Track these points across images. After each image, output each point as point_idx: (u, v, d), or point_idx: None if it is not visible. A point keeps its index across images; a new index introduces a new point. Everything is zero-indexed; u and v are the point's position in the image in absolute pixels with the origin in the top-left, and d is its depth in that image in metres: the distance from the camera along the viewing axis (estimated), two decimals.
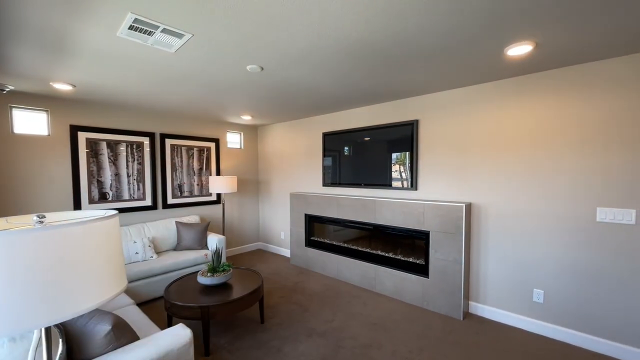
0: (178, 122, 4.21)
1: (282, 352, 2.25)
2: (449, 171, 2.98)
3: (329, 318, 2.77)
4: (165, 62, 2.17)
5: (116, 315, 1.44)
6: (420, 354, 2.23)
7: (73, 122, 3.32)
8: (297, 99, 3.27)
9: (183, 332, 1.54)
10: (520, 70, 2.37)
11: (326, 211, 3.89)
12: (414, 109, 3.21)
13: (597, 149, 2.21)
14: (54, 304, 0.70)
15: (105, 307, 2.21)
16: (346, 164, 3.88)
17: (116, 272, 0.86)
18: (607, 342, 2.20)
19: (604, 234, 2.20)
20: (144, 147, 3.88)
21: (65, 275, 0.72)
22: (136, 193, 3.83)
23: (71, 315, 0.72)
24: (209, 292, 2.43)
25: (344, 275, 3.72)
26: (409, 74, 2.48)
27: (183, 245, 3.74)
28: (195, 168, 4.43)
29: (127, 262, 3.19)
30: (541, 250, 2.47)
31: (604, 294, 2.22)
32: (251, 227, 5.24)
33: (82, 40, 1.81)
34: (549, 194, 2.42)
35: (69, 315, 0.72)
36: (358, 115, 3.75)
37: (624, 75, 2.09)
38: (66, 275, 0.72)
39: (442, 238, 2.83)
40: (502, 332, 2.52)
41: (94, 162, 3.48)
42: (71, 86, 2.73)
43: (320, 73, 2.43)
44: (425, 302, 2.97)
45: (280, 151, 4.88)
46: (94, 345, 1.34)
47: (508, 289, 2.65)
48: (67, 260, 0.72)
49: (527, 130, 2.51)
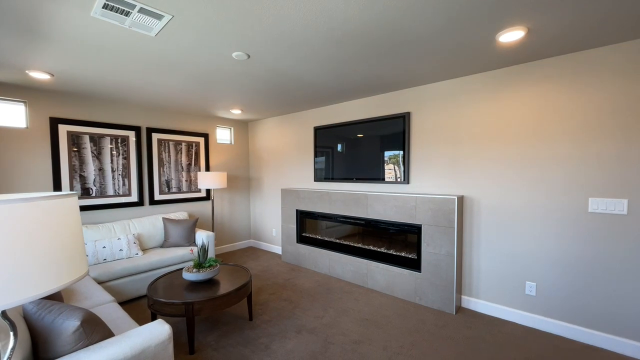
0: (165, 115, 4.10)
1: (270, 349, 2.18)
2: (441, 164, 2.94)
3: (319, 314, 2.70)
4: (147, 48, 2.08)
5: (87, 311, 1.35)
6: (411, 349, 2.17)
7: (53, 114, 3.19)
8: (287, 90, 3.19)
9: (161, 327, 1.46)
10: (511, 59, 2.34)
11: (318, 206, 3.82)
12: (406, 101, 3.16)
13: (589, 138, 2.18)
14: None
15: (82, 303, 2.11)
16: (338, 159, 3.81)
17: (72, 258, 0.77)
18: (599, 334, 2.18)
19: (595, 224, 2.17)
20: (129, 141, 3.75)
21: (4, 259, 0.64)
22: (121, 189, 3.71)
23: (9, 304, 0.64)
24: (194, 289, 2.35)
25: (335, 272, 3.65)
26: (399, 64, 2.42)
27: (170, 242, 3.63)
28: (184, 164, 4.32)
29: (110, 259, 3.07)
30: (533, 243, 2.44)
31: (596, 286, 2.19)
32: (242, 225, 5.14)
33: (56, 21, 1.71)
34: (541, 185, 2.39)
35: (6, 305, 0.63)
36: (350, 108, 3.69)
37: (617, 63, 2.06)
38: (4, 259, 0.64)
39: (434, 232, 2.78)
40: (495, 326, 2.48)
41: (76, 156, 3.35)
42: (49, 75, 2.61)
43: (310, 63, 2.36)
44: (417, 297, 2.92)
45: (272, 147, 4.80)
46: (61, 343, 1.25)
47: (500, 282, 2.62)
48: (4, 241, 0.64)
49: (518, 121, 2.47)
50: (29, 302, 0.66)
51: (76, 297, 2.22)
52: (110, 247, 3.09)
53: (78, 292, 2.31)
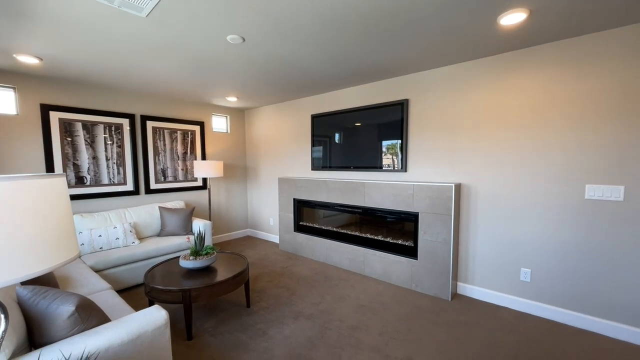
0: (160, 103, 4.02)
1: (268, 335, 2.20)
2: (439, 152, 2.92)
3: (316, 301, 2.72)
4: (138, 30, 2.01)
5: (82, 297, 1.34)
6: (407, 334, 2.20)
7: (44, 100, 3.11)
8: (284, 76, 3.13)
9: (157, 313, 1.45)
10: (512, 44, 2.29)
11: (315, 195, 3.81)
12: (404, 88, 3.11)
13: (588, 125, 2.16)
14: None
15: (79, 291, 2.11)
16: (335, 147, 3.78)
17: (62, 239, 0.75)
18: (592, 318, 2.22)
19: (592, 211, 2.18)
20: (123, 129, 3.69)
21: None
22: (116, 177, 3.67)
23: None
24: (191, 276, 2.34)
25: (333, 260, 3.67)
26: (398, 48, 2.37)
27: (167, 231, 3.62)
28: (180, 152, 4.27)
29: (107, 248, 3.06)
30: (529, 229, 2.45)
31: (590, 272, 2.22)
32: (239, 214, 5.13)
33: (42, 0, 1.64)
34: (539, 172, 2.38)
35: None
36: (347, 96, 3.64)
37: (618, 48, 2.03)
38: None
39: (431, 219, 2.79)
40: (490, 311, 2.51)
41: (68, 144, 3.29)
42: (38, 59, 2.53)
43: (306, 47, 2.30)
44: (413, 284, 2.95)
45: (268, 135, 4.75)
46: (57, 328, 1.24)
47: (496, 269, 2.64)
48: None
49: (517, 108, 2.45)
50: (18, 282, 0.64)
51: (72, 285, 2.21)
52: (106, 236, 3.07)
53: (74, 280, 2.30)
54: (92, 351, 1.18)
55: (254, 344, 2.09)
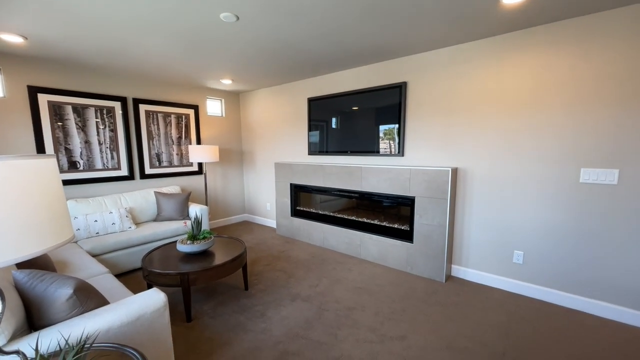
0: (152, 86, 3.91)
1: (266, 316, 2.24)
2: (437, 136, 2.91)
3: (313, 283, 2.77)
4: (128, 6, 1.92)
5: (80, 280, 1.34)
6: (402, 315, 2.26)
7: (31, 82, 3.01)
8: (279, 57, 3.04)
9: (156, 295, 1.47)
10: (512, 24, 2.24)
11: (312, 180, 3.80)
12: (403, 70, 3.06)
13: (585, 108, 2.15)
14: None
15: (76, 274, 2.11)
16: (332, 131, 3.74)
17: (55, 220, 0.74)
18: (580, 298, 2.29)
19: (586, 194, 2.21)
20: (115, 112, 3.60)
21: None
22: (110, 162, 3.62)
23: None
24: (189, 260, 2.36)
25: (329, 244, 3.71)
26: (397, 27, 2.30)
27: (163, 216, 3.61)
28: (174, 137, 4.20)
29: (103, 233, 3.05)
30: (524, 213, 2.49)
31: (582, 254, 2.27)
32: (236, 199, 5.13)
33: None
34: (535, 156, 2.39)
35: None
36: (344, 78, 3.57)
37: (619, 29, 1.99)
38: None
39: (427, 203, 2.81)
40: (482, 293, 2.58)
41: (59, 127, 3.21)
42: (22, 38, 2.42)
43: (302, 26, 2.22)
44: (409, 267, 3.00)
45: (264, 119, 4.68)
46: (55, 311, 1.25)
47: (489, 252, 2.70)
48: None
49: (515, 91, 2.42)
50: (12, 265, 0.63)
51: (70, 269, 2.21)
52: (102, 221, 3.06)
53: (71, 264, 2.30)
54: (92, 332, 1.19)
55: (253, 325, 2.13)
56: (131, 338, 1.33)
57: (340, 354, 1.84)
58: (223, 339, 1.99)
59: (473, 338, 1.98)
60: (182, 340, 1.98)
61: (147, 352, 1.39)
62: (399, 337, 2.00)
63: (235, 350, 1.88)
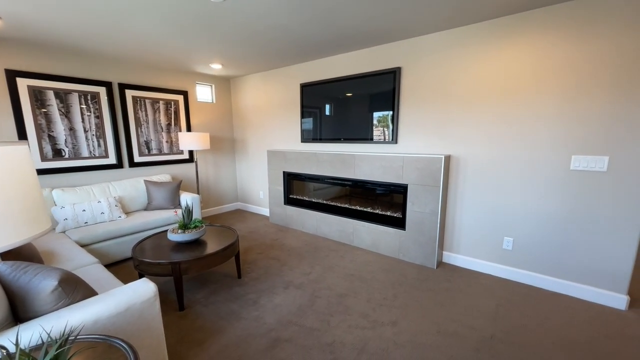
0: (139, 70, 3.77)
1: (259, 304, 2.25)
2: (430, 123, 2.88)
3: (306, 271, 2.79)
4: None
5: (65, 271, 1.31)
6: (394, 300, 2.29)
7: (8, 65, 2.86)
8: (270, 40, 2.95)
9: (146, 285, 1.44)
10: (512, 6, 2.19)
11: (305, 168, 3.77)
12: (397, 55, 2.99)
13: (580, 95, 2.14)
14: None
15: (65, 265, 2.07)
16: (326, 119, 3.69)
17: (30, 211, 0.70)
18: (567, 282, 2.35)
19: (575, 181, 2.23)
20: (100, 98, 3.47)
21: None
22: (97, 150, 3.51)
23: None
24: (180, 249, 2.33)
25: (322, 232, 3.72)
26: (390, 8, 2.23)
27: (154, 205, 3.56)
28: (163, 123, 4.09)
29: (92, 223, 2.99)
30: (514, 200, 2.51)
31: (570, 240, 2.31)
32: (228, 187, 5.07)
33: None
34: (527, 143, 2.39)
35: None
36: (338, 63, 3.49)
37: (619, 14, 1.96)
38: None
39: (420, 191, 2.81)
40: (472, 278, 2.63)
41: (41, 114, 3.09)
42: None
43: (293, 6, 2.14)
44: (401, 254, 3.04)
45: (256, 106, 4.58)
46: (40, 303, 1.21)
47: (480, 238, 2.73)
48: None
49: (510, 77, 2.40)
50: None
51: (57, 260, 2.17)
52: (90, 210, 3.00)
53: (59, 255, 2.25)
54: (77, 324, 1.17)
55: (246, 313, 2.14)
56: (121, 329, 1.31)
57: (332, 339, 1.86)
58: (215, 327, 1.99)
59: (462, 322, 2.02)
60: (175, 329, 1.98)
61: (138, 342, 1.37)
62: (390, 322, 2.03)
63: (228, 338, 1.88)
